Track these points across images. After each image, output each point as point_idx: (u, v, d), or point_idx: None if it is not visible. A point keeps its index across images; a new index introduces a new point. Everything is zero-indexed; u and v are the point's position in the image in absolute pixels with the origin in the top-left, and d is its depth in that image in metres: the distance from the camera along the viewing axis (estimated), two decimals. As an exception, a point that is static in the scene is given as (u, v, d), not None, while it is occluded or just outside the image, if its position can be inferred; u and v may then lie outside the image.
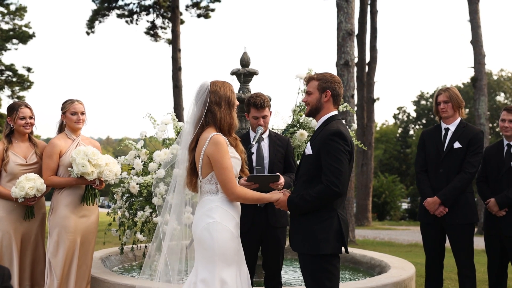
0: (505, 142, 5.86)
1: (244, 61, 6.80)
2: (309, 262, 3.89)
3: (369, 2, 28.48)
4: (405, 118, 58.09)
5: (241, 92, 6.75)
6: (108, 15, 31.64)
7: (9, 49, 31.46)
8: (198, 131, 3.95)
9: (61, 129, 5.55)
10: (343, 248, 3.92)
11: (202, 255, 3.87)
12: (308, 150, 4.00)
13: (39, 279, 5.46)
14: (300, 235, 3.93)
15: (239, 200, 3.91)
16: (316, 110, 4.09)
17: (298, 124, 6.59)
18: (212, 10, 32.19)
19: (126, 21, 31.91)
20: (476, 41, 21.99)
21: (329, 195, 3.77)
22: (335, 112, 4.10)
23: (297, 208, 3.92)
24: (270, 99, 6.22)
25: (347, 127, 4.25)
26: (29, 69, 31.77)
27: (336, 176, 3.76)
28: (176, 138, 6.34)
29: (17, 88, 31.69)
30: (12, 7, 31.21)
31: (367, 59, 28.07)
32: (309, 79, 4.14)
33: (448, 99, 5.63)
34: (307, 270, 3.92)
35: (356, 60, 23.39)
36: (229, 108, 3.99)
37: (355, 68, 19.27)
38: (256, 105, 5.15)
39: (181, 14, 29.77)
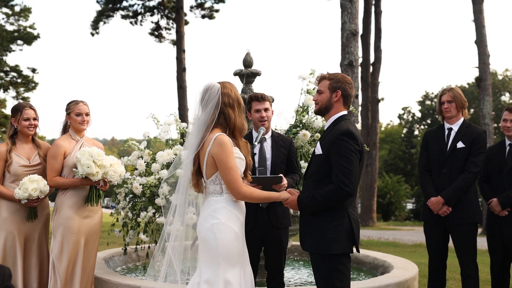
0: (507, 142, 5.86)
1: (247, 62, 6.81)
2: (320, 262, 3.89)
3: (373, 2, 28.46)
4: (410, 118, 58.01)
5: (243, 93, 6.75)
6: (113, 16, 31.71)
7: (13, 50, 31.66)
8: (208, 134, 3.92)
9: (65, 130, 5.57)
10: (354, 248, 3.94)
11: (206, 255, 3.87)
12: (318, 150, 4.00)
13: (39, 279, 5.46)
14: (311, 235, 3.93)
15: (245, 199, 3.90)
16: (326, 109, 4.11)
17: (301, 125, 6.59)
18: (217, 10, 32.24)
19: (131, 22, 31.99)
20: (481, 41, 21.93)
21: (340, 195, 3.78)
22: (345, 112, 4.12)
23: (307, 208, 3.92)
24: (273, 100, 6.23)
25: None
26: (33, 70, 31.93)
27: (346, 176, 3.77)
28: (179, 139, 6.36)
29: (22, 89, 31.85)
30: (17, 8, 31.39)
31: (372, 59, 28.05)
32: (321, 78, 4.16)
33: (452, 99, 5.63)
34: (318, 270, 3.92)
35: (360, 60, 23.39)
36: (241, 111, 4.00)
37: (360, 69, 19.24)
38: (257, 97, 5.22)
39: (185, 15, 29.82)
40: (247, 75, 6.80)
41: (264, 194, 3.99)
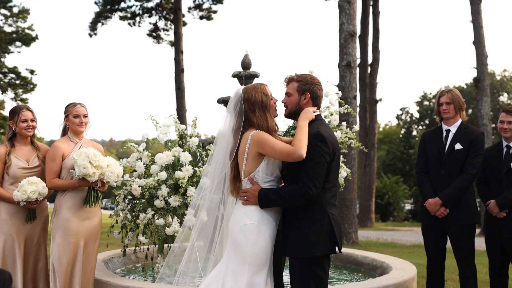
0: (504, 143, 5.88)
1: (245, 64, 6.82)
2: (298, 264, 3.87)
3: (371, 3, 28.50)
4: (408, 119, 58.08)
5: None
6: (111, 17, 31.72)
7: (12, 52, 31.57)
8: (239, 138, 3.98)
9: (64, 132, 5.57)
10: (336, 249, 3.90)
11: (234, 255, 3.87)
12: None
13: (38, 281, 5.49)
14: (292, 239, 3.90)
15: (304, 153, 3.75)
16: (296, 112, 4.07)
17: (299, 126, 6.58)
18: (214, 12, 32.25)
19: (129, 23, 32.01)
20: (479, 42, 22.00)
21: (303, 197, 3.76)
22: (317, 113, 4.07)
23: (269, 200, 3.85)
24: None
25: (349, 126, 4.21)
26: (32, 72, 31.88)
27: (310, 179, 3.74)
28: (178, 140, 6.36)
29: (20, 90, 31.80)
30: (15, 10, 31.34)
31: (370, 60, 28.11)
32: (289, 80, 4.13)
33: (450, 101, 5.65)
34: (296, 274, 3.89)
35: (358, 61, 23.41)
36: (264, 112, 3.99)
37: (358, 69, 19.30)
38: None
39: (183, 16, 29.85)
40: (246, 76, 6.82)
41: (304, 137, 3.84)
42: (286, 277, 6.36)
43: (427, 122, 55.01)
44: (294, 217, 3.90)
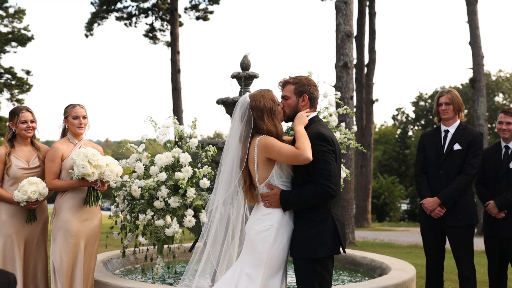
0: (503, 144, 5.90)
1: (245, 65, 6.83)
2: (303, 265, 3.87)
3: (367, 3, 28.54)
4: (404, 119, 58.17)
5: (241, 95, 6.76)
6: (107, 18, 31.64)
7: (8, 52, 31.49)
8: (247, 145, 3.97)
9: (64, 133, 5.57)
10: (340, 249, 3.93)
11: (251, 257, 3.88)
12: None
13: (38, 283, 5.48)
14: (297, 240, 3.91)
15: (310, 154, 3.73)
16: (295, 114, 4.07)
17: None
18: (211, 12, 32.22)
19: (125, 24, 31.91)
20: (475, 42, 22.02)
21: (324, 196, 3.78)
22: (314, 114, 4.09)
23: (290, 202, 3.87)
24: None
25: (348, 126, 4.22)
26: (28, 72, 31.83)
27: (328, 179, 3.76)
28: (175, 140, 6.36)
29: (16, 91, 31.76)
30: (11, 10, 31.29)
31: (366, 60, 28.14)
32: (284, 83, 4.13)
33: (450, 101, 5.67)
34: (300, 273, 3.90)
35: (355, 61, 23.44)
36: (272, 118, 3.99)
37: (354, 70, 19.29)
38: None
39: (180, 16, 29.80)
40: (245, 77, 6.82)
41: (302, 137, 3.85)
42: (289, 278, 6.38)
43: (423, 122, 55.13)
44: (299, 218, 3.91)
